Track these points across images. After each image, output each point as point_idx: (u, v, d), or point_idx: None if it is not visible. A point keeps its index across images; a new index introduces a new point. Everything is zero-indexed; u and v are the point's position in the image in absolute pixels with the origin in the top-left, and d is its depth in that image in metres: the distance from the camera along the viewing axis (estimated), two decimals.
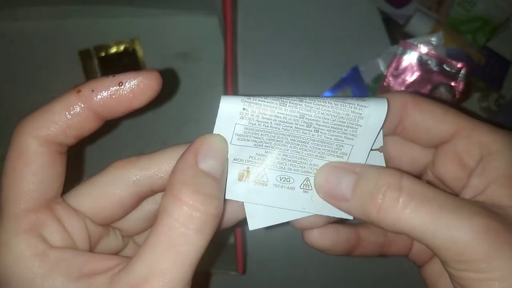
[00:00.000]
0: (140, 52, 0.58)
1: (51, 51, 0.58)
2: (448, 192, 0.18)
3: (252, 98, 0.19)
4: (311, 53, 0.57)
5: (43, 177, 0.17)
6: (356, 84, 0.54)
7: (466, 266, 0.16)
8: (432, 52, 0.52)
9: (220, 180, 0.17)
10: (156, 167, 0.19)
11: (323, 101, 0.19)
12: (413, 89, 0.54)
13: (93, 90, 0.17)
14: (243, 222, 0.22)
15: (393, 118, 0.20)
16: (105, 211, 0.19)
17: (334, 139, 0.19)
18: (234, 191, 0.20)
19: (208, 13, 0.56)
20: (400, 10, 0.55)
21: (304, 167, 0.20)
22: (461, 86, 0.53)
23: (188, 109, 0.59)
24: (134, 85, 0.18)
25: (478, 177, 0.18)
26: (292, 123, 0.19)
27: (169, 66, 0.58)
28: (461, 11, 0.54)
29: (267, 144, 0.20)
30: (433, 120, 0.19)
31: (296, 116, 0.19)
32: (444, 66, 0.53)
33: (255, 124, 0.19)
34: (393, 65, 0.53)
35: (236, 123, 0.19)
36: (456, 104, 0.54)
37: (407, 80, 0.53)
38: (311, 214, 0.21)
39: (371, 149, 0.20)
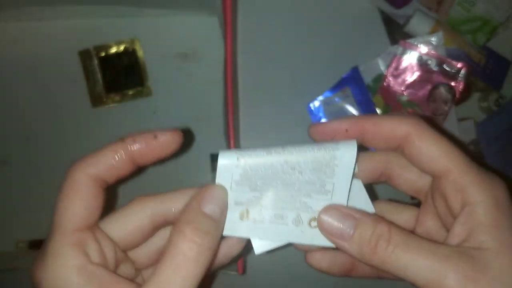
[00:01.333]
0: (140, 52, 0.58)
1: (51, 50, 0.59)
2: (429, 240, 0.21)
3: (244, 151, 0.23)
4: (311, 53, 0.57)
5: (89, 205, 0.21)
6: (356, 84, 0.54)
7: None
8: (432, 52, 0.52)
9: (217, 221, 0.22)
10: (170, 203, 0.23)
11: (302, 148, 0.23)
12: (413, 89, 0.54)
13: (134, 141, 0.22)
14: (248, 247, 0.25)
15: (394, 143, 0.23)
16: (128, 236, 0.23)
17: (317, 178, 0.23)
18: (237, 229, 0.24)
19: (208, 13, 0.56)
20: (400, 10, 0.56)
21: (295, 205, 0.24)
22: (461, 86, 0.53)
23: (188, 109, 0.59)
24: (165, 139, 0.22)
25: (461, 225, 0.21)
26: (279, 168, 0.23)
27: (169, 66, 0.59)
28: (461, 11, 0.54)
29: (261, 188, 0.23)
30: (428, 157, 0.22)
31: (281, 162, 0.23)
32: (444, 66, 0.53)
33: (248, 172, 0.23)
34: (393, 65, 0.54)
35: (233, 173, 0.23)
36: (456, 104, 0.55)
37: (407, 80, 0.54)
38: (306, 244, 0.25)
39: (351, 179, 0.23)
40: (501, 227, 0.20)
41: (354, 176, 0.24)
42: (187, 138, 0.57)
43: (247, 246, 0.25)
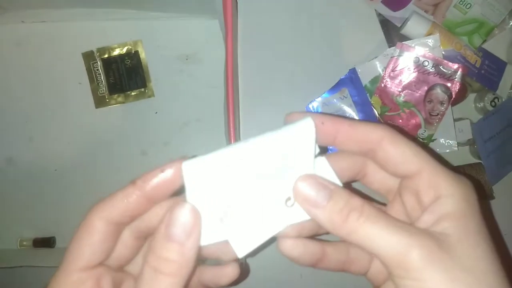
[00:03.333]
0: (142, 54, 0.59)
1: (55, 52, 0.60)
2: (399, 220, 0.22)
3: (207, 156, 0.22)
4: (309, 55, 0.58)
5: (96, 249, 0.23)
6: (354, 85, 0.55)
7: (404, 274, 0.20)
8: (429, 53, 0.53)
9: (183, 244, 0.21)
10: (149, 219, 0.24)
11: (264, 136, 0.23)
12: (410, 90, 0.55)
13: (144, 181, 0.22)
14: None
15: (367, 147, 0.24)
16: (117, 255, 0.24)
17: (283, 162, 0.23)
18: (215, 235, 0.23)
19: (209, 16, 0.57)
20: (397, 13, 0.56)
21: (269, 192, 0.23)
22: (457, 87, 0.54)
23: (189, 110, 0.60)
24: (171, 171, 0.22)
25: (430, 214, 0.22)
26: (247, 163, 0.22)
27: (171, 68, 0.60)
28: (458, 13, 0.55)
29: (233, 187, 0.22)
30: (402, 159, 0.23)
31: (247, 156, 0.22)
32: (441, 68, 0.54)
33: (217, 175, 0.22)
34: (390, 66, 0.54)
35: (202, 179, 0.22)
36: (453, 104, 0.55)
37: (404, 81, 0.54)
38: (284, 227, 0.24)
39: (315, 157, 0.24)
40: (467, 217, 0.22)
41: (317, 154, 0.24)
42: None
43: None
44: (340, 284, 0.59)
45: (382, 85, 0.55)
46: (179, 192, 0.23)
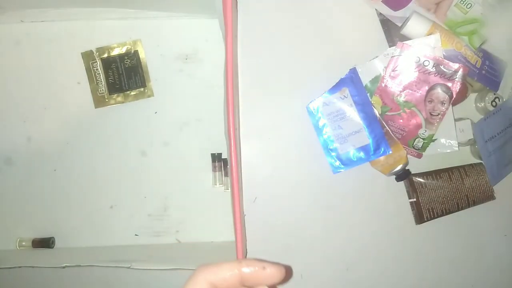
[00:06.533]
0: (142, 54, 0.59)
1: (55, 52, 0.59)
2: None
3: None
4: (310, 54, 0.58)
5: None
6: (354, 85, 0.55)
7: None
8: (429, 53, 0.53)
9: None
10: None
11: None
12: (411, 90, 0.54)
13: (248, 265, 0.25)
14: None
15: None
16: None
17: None
18: None
19: (209, 16, 0.57)
20: (398, 12, 0.56)
21: None
22: (457, 87, 0.54)
23: (189, 110, 0.60)
24: (271, 271, 0.25)
25: None
26: None
27: (171, 67, 0.59)
28: (459, 12, 0.55)
29: None
30: None
31: None
32: (441, 67, 0.53)
33: None
34: (391, 66, 0.54)
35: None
36: (453, 104, 0.55)
37: (404, 81, 0.54)
38: None
39: None
40: None
41: None
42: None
43: None
44: (340, 284, 0.59)
45: (383, 84, 0.55)
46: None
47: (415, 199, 0.57)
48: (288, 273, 0.25)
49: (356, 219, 0.59)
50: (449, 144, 0.56)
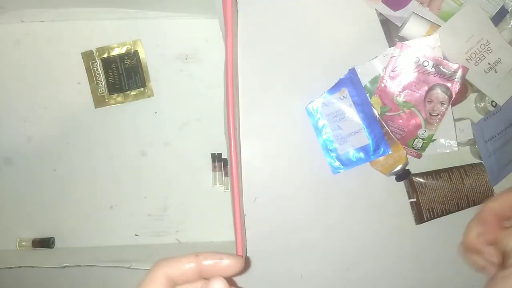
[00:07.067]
0: (142, 54, 0.59)
1: (54, 52, 0.59)
2: None
3: None
4: (309, 54, 0.58)
5: None
6: (354, 85, 0.55)
7: None
8: (429, 54, 0.53)
9: None
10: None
11: None
12: (410, 90, 0.55)
13: (205, 258, 0.26)
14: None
15: None
16: None
17: None
18: None
19: (209, 16, 0.57)
20: (397, 12, 0.56)
21: None
22: (457, 87, 0.54)
23: (189, 110, 0.60)
24: (229, 263, 0.26)
25: None
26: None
27: (171, 67, 0.59)
28: (453, 4, 0.54)
29: None
30: None
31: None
32: (441, 68, 0.53)
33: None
34: (390, 66, 0.54)
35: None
36: (453, 104, 0.55)
37: (403, 81, 0.54)
38: None
39: None
40: None
41: None
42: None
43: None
44: (340, 284, 0.59)
45: (382, 85, 0.55)
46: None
47: (415, 199, 0.57)
48: (246, 264, 0.25)
49: (356, 219, 0.59)
50: (449, 144, 0.56)
